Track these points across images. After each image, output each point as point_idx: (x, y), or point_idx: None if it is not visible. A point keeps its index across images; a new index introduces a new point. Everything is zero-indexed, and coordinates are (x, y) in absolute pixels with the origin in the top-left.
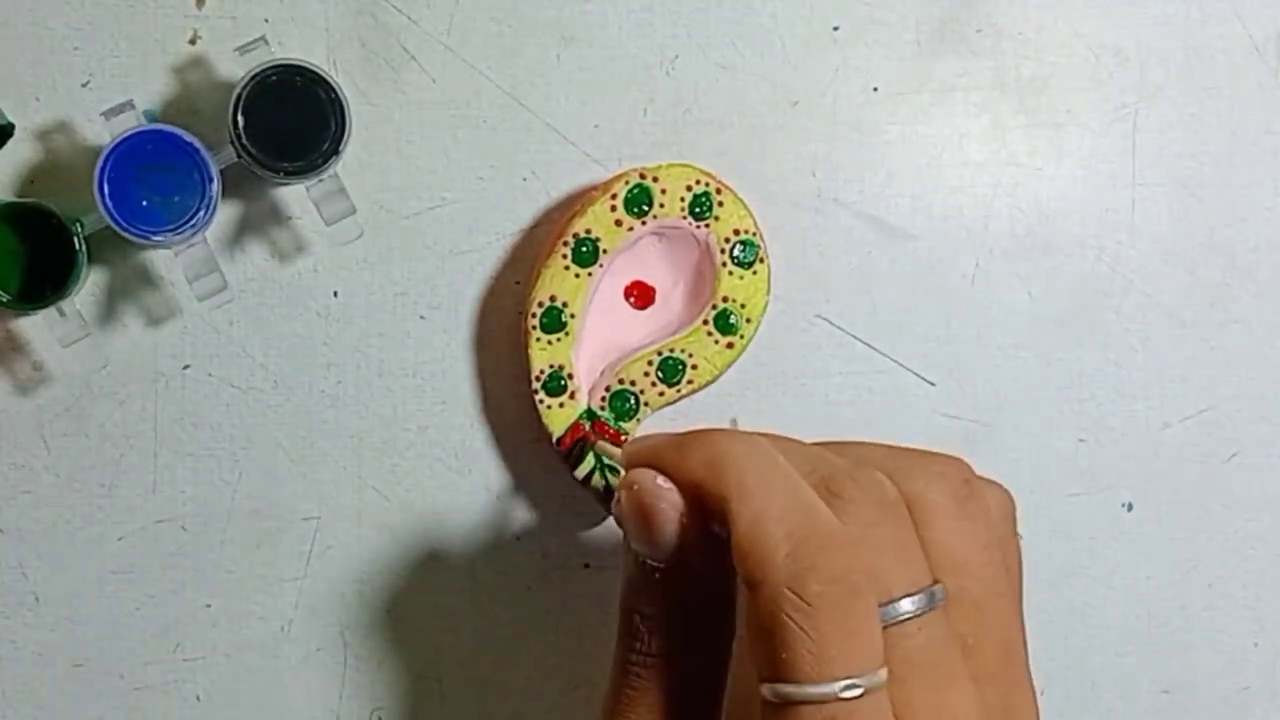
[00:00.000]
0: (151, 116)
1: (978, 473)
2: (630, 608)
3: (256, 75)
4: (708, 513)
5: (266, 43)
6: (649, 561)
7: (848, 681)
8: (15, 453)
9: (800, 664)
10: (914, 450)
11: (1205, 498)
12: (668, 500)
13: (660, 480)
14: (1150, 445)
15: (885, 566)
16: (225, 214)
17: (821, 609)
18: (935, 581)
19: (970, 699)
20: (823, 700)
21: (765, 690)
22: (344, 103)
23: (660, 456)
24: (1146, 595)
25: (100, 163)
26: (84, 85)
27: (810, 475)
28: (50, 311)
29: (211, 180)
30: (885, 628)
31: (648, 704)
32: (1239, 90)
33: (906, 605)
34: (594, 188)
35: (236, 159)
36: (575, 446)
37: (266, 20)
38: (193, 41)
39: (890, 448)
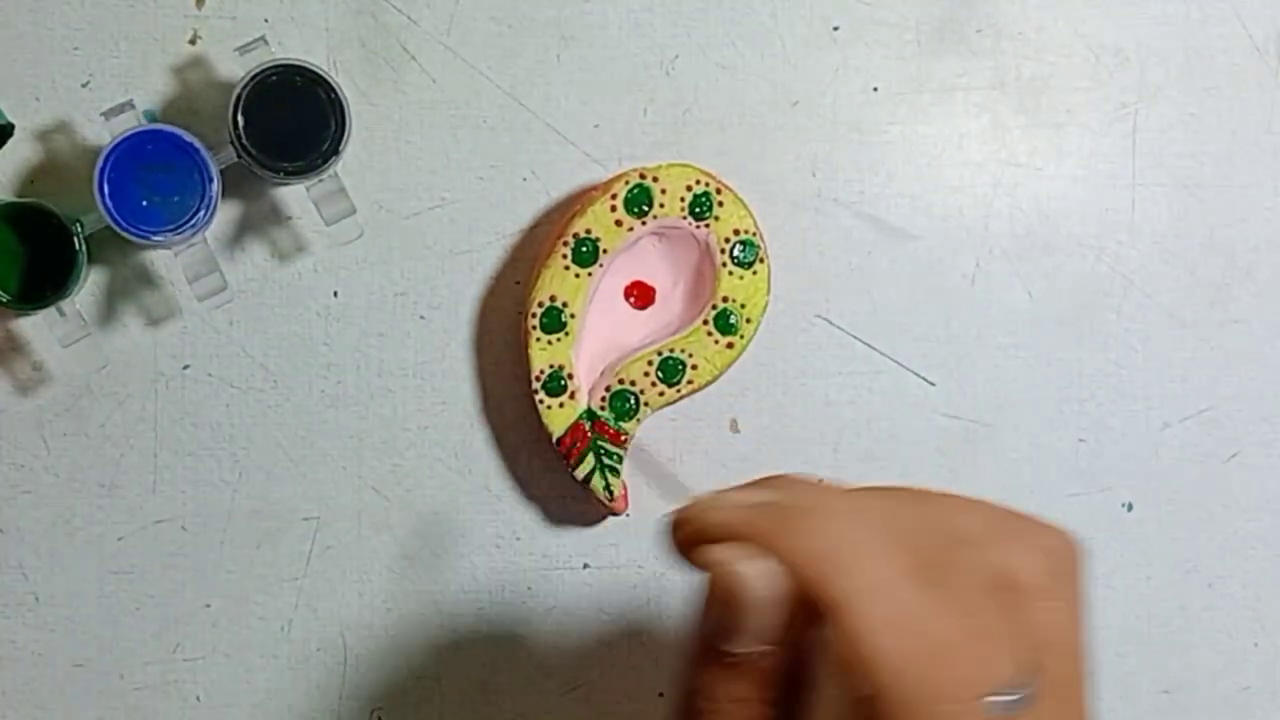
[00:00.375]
0: (151, 116)
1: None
2: (692, 688)
3: (256, 75)
4: (798, 602)
5: (266, 43)
6: (722, 649)
7: None
8: (15, 453)
9: None
10: (1012, 517)
11: (1205, 498)
12: (759, 592)
13: (750, 566)
14: (1150, 445)
15: (984, 658)
16: (225, 214)
17: (934, 716)
18: (1031, 673)
19: None
20: None
21: None
22: (344, 103)
23: (755, 534)
24: (1146, 595)
25: (100, 163)
26: (84, 85)
27: (911, 556)
28: (50, 311)
29: (211, 180)
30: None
31: None
32: (1239, 90)
33: (1002, 700)
34: (594, 188)
35: (236, 159)
36: (575, 446)
37: (266, 20)
38: (193, 41)
39: (987, 511)
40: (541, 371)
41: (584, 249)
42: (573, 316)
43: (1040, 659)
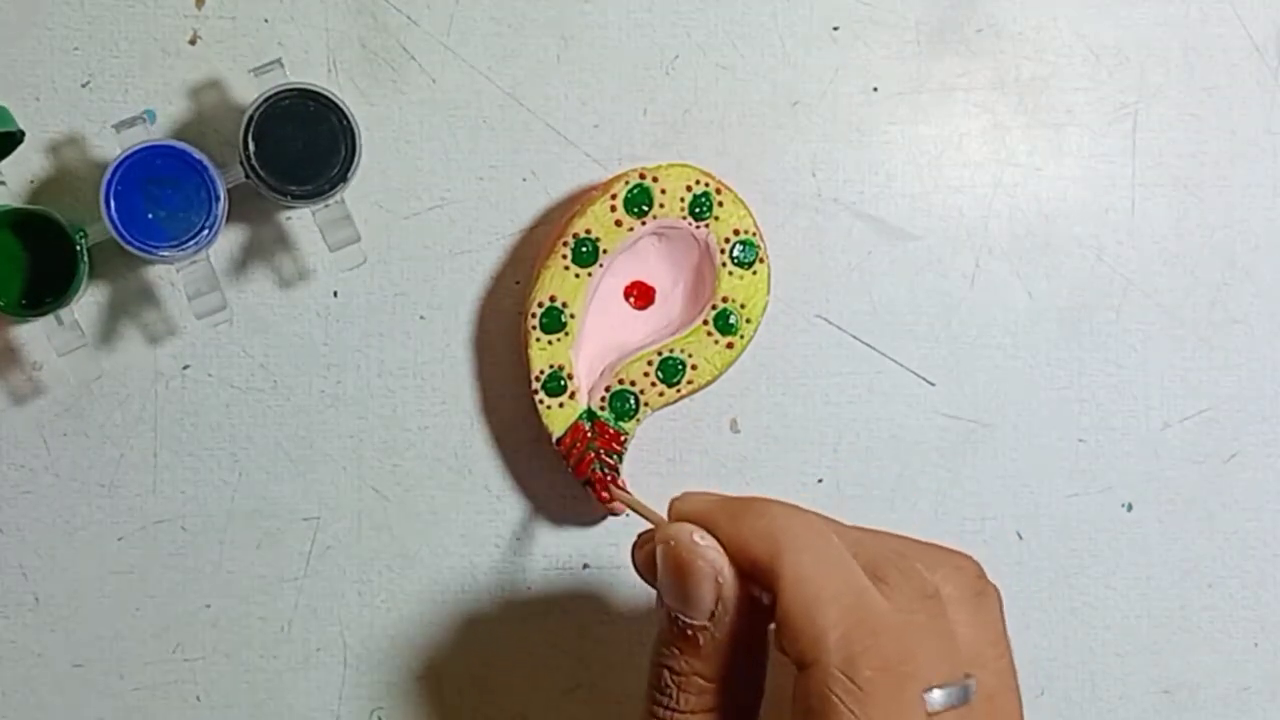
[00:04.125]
0: (152, 116)
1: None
2: (661, 663)
3: (270, 98)
4: (750, 579)
5: (282, 66)
6: (682, 618)
7: None
8: (15, 453)
9: None
10: (928, 544)
11: (1205, 498)
12: (706, 559)
13: (698, 537)
14: (1150, 445)
15: (924, 656)
16: (229, 234)
17: (873, 694)
18: (968, 676)
19: None
20: None
21: None
22: (355, 130)
23: (711, 519)
24: (1146, 595)
25: (108, 175)
26: (84, 86)
27: (856, 557)
28: (49, 319)
29: (218, 199)
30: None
31: None
32: (1239, 90)
33: (938, 696)
34: (594, 188)
35: (244, 179)
36: (575, 446)
37: (266, 20)
38: (193, 42)
39: (903, 538)
40: (541, 371)
41: (584, 249)
42: (573, 316)
43: (971, 669)
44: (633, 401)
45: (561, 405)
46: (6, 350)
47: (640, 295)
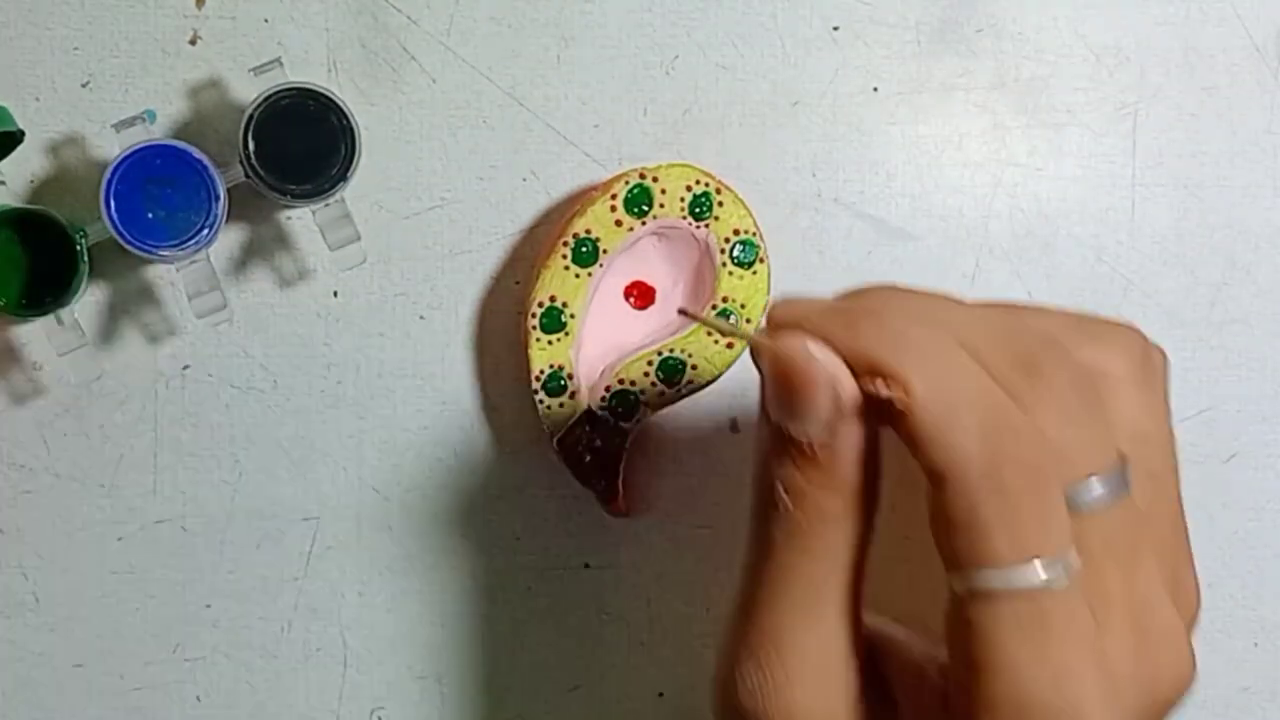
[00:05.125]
0: (152, 116)
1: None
2: (769, 476)
3: (270, 97)
4: (866, 389)
5: (281, 65)
6: (795, 435)
7: (1047, 566)
8: (15, 453)
9: (1000, 550)
10: (1093, 319)
11: (1205, 498)
12: (824, 371)
13: (814, 348)
14: None
15: (1080, 447)
16: (228, 234)
17: (1018, 495)
18: (1124, 461)
19: (1156, 578)
20: (1025, 586)
21: (956, 581)
22: (355, 129)
23: (823, 325)
24: None
25: (108, 175)
26: (84, 86)
27: (1003, 349)
28: (49, 319)
29: (218, 198)
30: (1083, 511)
31: (793, 574)
32: (1239, 90)
33: (1099, 485)
34: (594, 188)
35: (244, 178)
36: (572, 437)
37: (266, 20)
38: (193, 42)
39: (1067, 314)
40: (541, 371)
41: (584, 249)
42: (573, 316)
43: (1133, 450)
44: (633, 401)
45: (561, 405)
46: (6, 350)
47: (640, 295)
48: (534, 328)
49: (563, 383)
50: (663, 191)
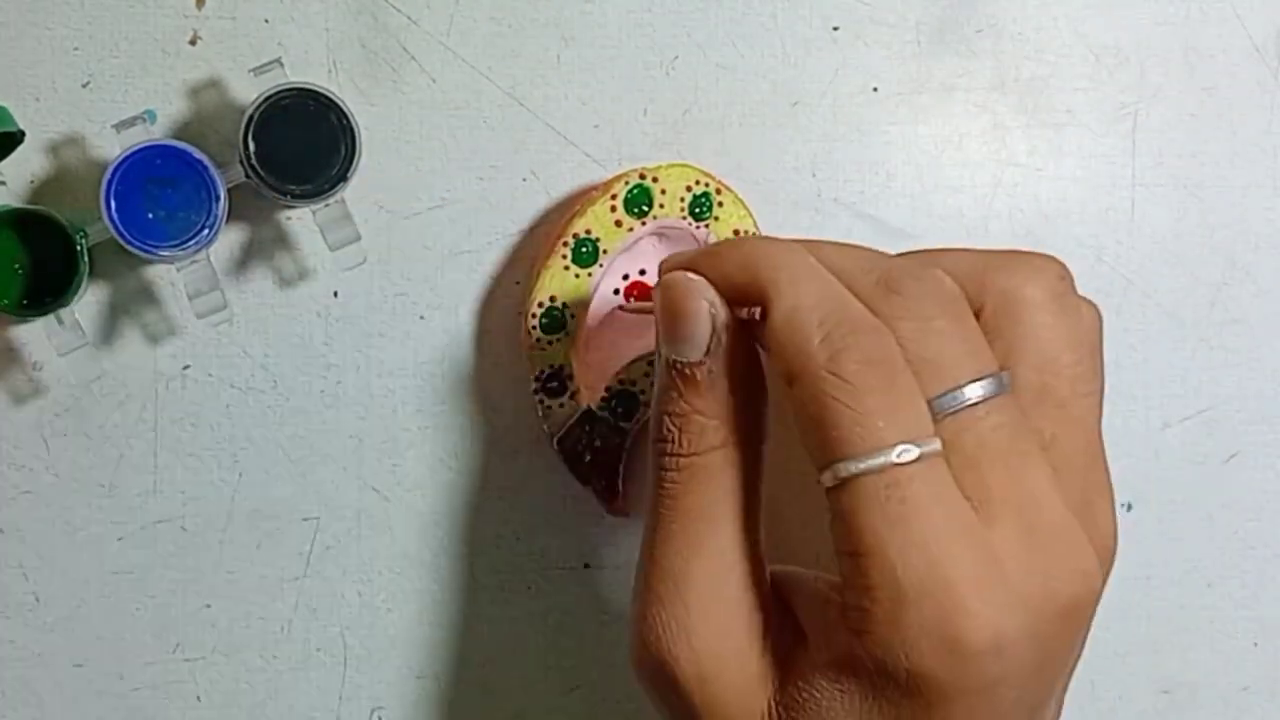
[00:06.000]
0: (152, 116)
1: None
2: (660, 411)
3: (270, 97)
4: (741, 311)
5: (281, 65)
6: (679, 363)
7: (901, 447)
8: (15, 453)
9: (851, 438)
10: (1010, 250)
11: (1205, 498)
12: (699, 294)
13: (690, 275)
14: (1150, 445)
15: (948, 356)
16: (228, 234)
17: (862, 384)
18: (1002, 369)
19: (1047, 479)
20: (880, 469)
21: (825, 477)
22: (355, 129)
23: (695, 261)
24: (1146, 595)
25: (108, 175)
26: (84, 86)
27: (869, 273)
28: (49, 319)
29: (218, 199)
30: (954, 413)
31: (686, 508)
32: (1239, 90)
33: (973, 390)
34: (594, 188)
35: (244, 179)
36: (572, 437)
37: (267, 20)
38: (193, 42)
39: (985, 250)
40: (541, 371)
41: (584, 249)
42: (573, 317)
43: (1029, 373)
44: (632, 401)
45: (561, 405)
46: (6, 350)
47: (640, 295)
48: (534, 328)
49: (563, 383)
50: (663, 191)
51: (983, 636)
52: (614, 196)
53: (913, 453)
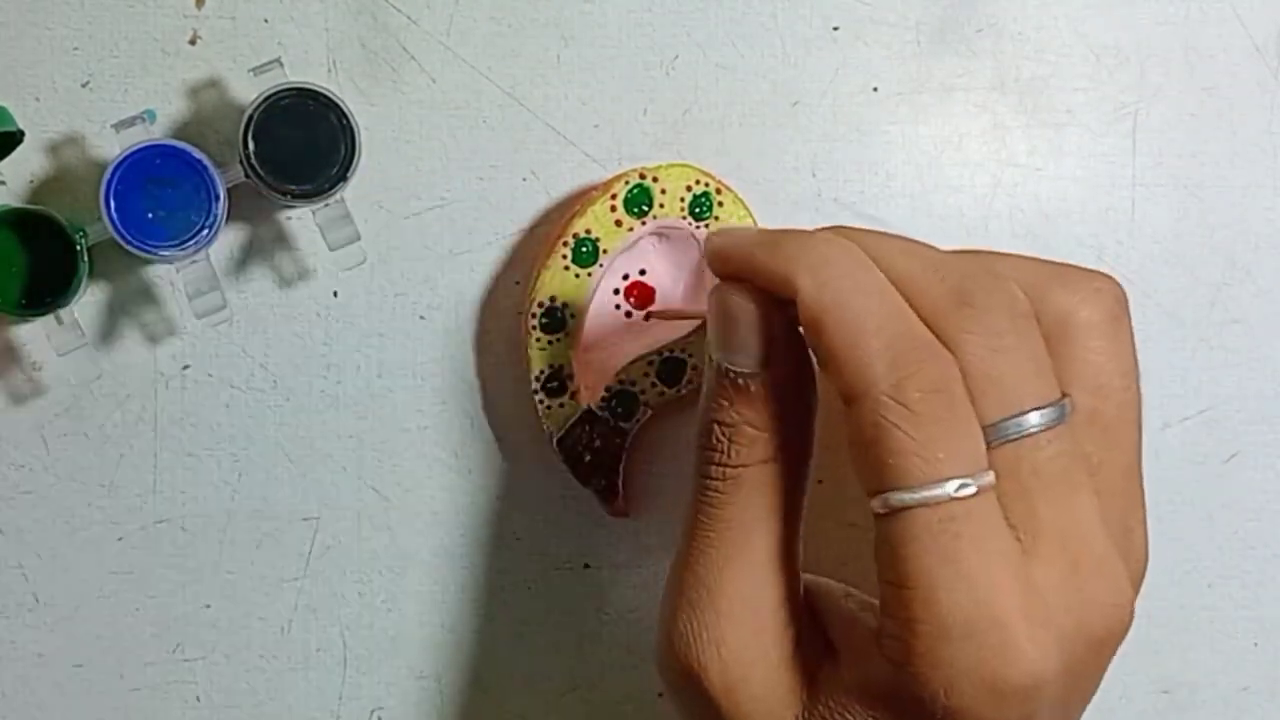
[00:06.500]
0: (152, 116)
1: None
2: (710, 418)
3: (269, 97)
4: (796, 318)
5: (281, 65)
6: (731, 369)
7: (959, 481)
8: (15, 453)
9: (909, 469)
10: (1069, 265)
11: (1205, 498)
12: (758, 303)
13: (747, 291)
14: (1150, 446)
15: (1014, 378)
16: (228, 234)
17: (925, 414)
18: (1064, 396)
19: (1093, 511)
20: (936, 502)
21: (875, 503)
22: (355, 129)
23: (751, 257)
24: (1146, 595)
25: (108, 175)
26: (84, 86)
27: (941, 282)
28: (49, 319)
29: (218, 199)
30: (1013, 440)
31: (727, 519)
32: (1239, 90)
33: (1035, 418)
34: (594, 188)
35: (244, 179)
36: (572, 437)
37: (266, 20)
38: (193, 42)
39: (1042, 261)
40: (541, 371)
41: (584, 249)
42: (573, 316)
43: (1081, 395)
44: (633, 401)
45: (561, 405)
46: (6, 350)
47: (640, 295)
48: (534, 328)
49: (563, 383)
50: (663, 191)
51: (1025, 676)
52: (614, 196)
53: (970, 488)
